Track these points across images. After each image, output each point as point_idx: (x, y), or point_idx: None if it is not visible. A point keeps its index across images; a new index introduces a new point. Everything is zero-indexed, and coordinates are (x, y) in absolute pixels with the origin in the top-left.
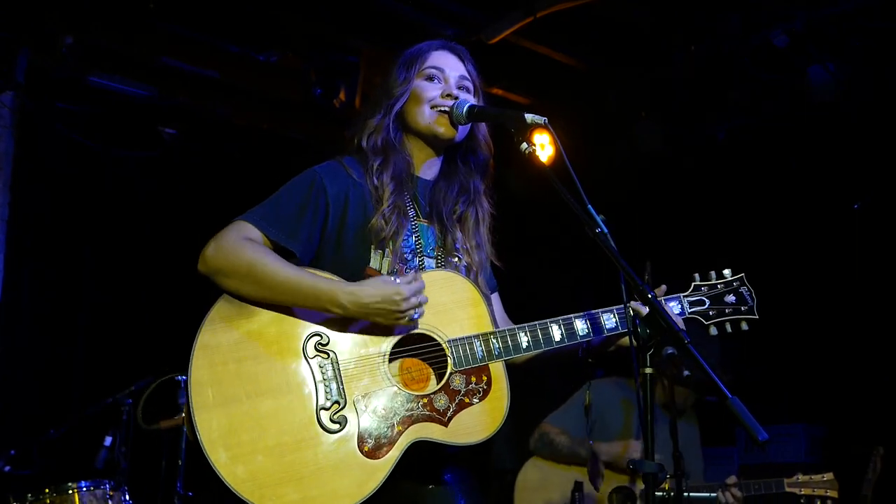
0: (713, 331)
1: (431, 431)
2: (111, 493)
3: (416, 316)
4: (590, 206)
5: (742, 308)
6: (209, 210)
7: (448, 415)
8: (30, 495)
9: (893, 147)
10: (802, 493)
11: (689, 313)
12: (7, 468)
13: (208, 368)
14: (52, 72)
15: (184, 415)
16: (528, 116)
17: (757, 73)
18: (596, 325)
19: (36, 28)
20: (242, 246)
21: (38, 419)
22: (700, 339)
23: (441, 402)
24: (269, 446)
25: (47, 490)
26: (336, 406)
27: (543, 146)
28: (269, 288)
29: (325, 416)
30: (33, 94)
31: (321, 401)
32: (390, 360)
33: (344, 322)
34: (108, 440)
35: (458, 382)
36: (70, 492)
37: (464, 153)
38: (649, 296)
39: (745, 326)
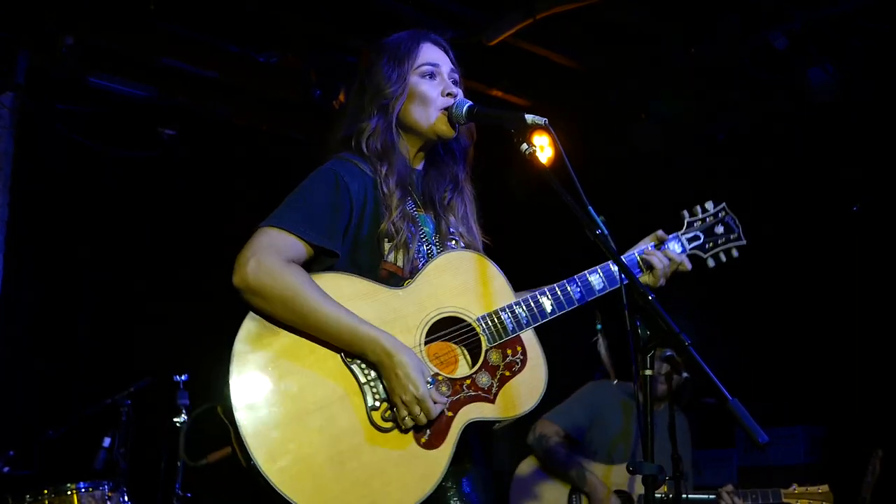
0: (710, 263)
1: (481, 410)
2: (110, 494)
3: (406, 422)
4: (590, 207)
5: (731, 236)
6: (209, 210)
7: (493, 391)
8: (28, 496)
9: (893, 147)
10: (798, 503)
11: (690, 250)
12: (6, 469)
13: (249, 394)
14: (52, 72)
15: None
16: (529, 117)
17: (757, 74)
18: (610, 278)
19: (36, 28)
20: (287, 272)
21: (37, 419)
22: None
23: (483, 380)
24: (328, 458)
25: (46, 491)
26: (386, 405)
27: (543, 147)
28: (308, 323)
29: (376, 416)
30: (33, 95)
31: (370, 402)
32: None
33: (374, 322)
34: (106, 441)
35: (495, 358)
36: (69, 493)
37: (446, 141)
38: (649, 297)
39: (735, 254)
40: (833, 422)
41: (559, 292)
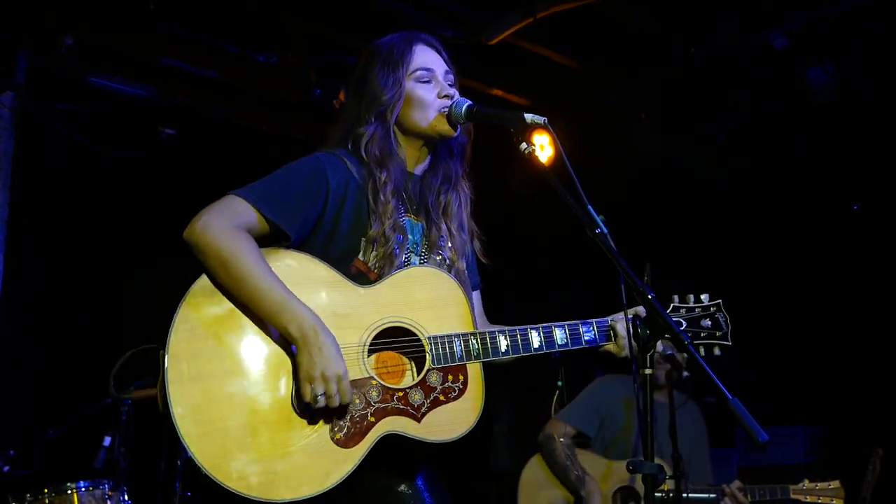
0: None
1: (404, 426)
2: (110, 494)
3: (319, 401)
4: (590, 206)
5: (717, 333)
6: None
7: (422, 411)
8: (29, 495)
9: (893, 147)
10: (808, 500)
11: None
12: (6, 468)
13: (188, 342)
14: (52, 72)
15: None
16: (528, 116)
17: (757, 74)
18: (575, 337)
19: (36, 28)
20: (231, 235)
21: (37, 419)
22: None
23: (416, 397)
24: (241, 425)
25: (46, 490)
26: None
27: (543, 147)
28: (240, 288)
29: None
30: (33, 95)
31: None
32: (369, 353)
33: (327, 310)
34: (107, 440)
35: (434, 379)
36: (69, 492)
37: (447, 140)
38: (649, 297)
39: (717, 352)
40: (833, 422)
41: (518, 336)
